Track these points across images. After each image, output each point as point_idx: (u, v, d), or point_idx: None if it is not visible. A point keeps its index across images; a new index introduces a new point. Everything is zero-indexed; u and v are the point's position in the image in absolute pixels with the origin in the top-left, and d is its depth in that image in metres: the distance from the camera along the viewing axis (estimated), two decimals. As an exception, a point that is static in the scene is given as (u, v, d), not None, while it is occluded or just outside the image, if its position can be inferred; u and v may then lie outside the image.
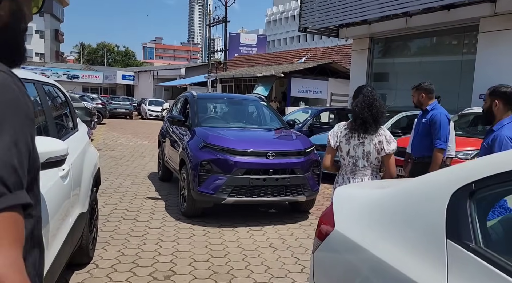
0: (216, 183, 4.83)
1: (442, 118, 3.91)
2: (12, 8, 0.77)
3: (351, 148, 2.96)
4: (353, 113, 2.89)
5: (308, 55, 29.10)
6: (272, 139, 5.61)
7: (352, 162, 2.97)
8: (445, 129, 3.87)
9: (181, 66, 40.37)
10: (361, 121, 2.86)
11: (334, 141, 3.01)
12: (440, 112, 3.93)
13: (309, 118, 10.59)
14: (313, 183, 5.30)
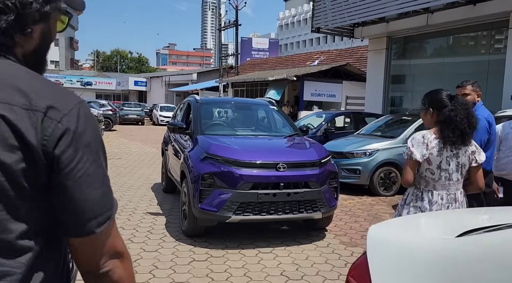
0: (219, 199, 4.26)
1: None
2: (44, 31, 0.89)
3: (443, 160, 2.61)
4: (451, 123, 2.55)
5: (321, 58, 28.44)
6: (283, 148, 5.01)
7: (445, 176, 2.62)
8: (479, 135, 3.35)
9: (193, 71, 40.12)
10: (460, 132, 2.55)
11: (422, 153, 2.59)
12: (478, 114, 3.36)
13: (324, 123, 9.96)
14: (330, 197, 4.68)
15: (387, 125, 8.78)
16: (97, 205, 0.82)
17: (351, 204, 6.66)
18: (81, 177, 0.79)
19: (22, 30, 0.83)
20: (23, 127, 0.74)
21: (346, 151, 7.50)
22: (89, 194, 0.81)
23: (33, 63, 0.88)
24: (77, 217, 0.81)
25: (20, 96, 0.76)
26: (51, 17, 0.89)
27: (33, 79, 0.81)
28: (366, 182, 7.33)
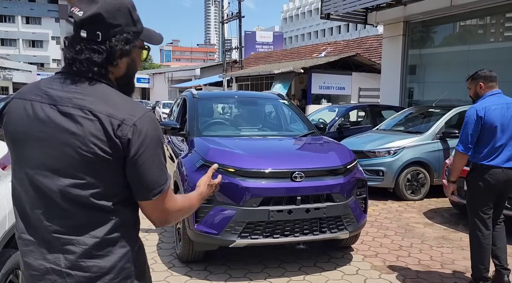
0: (220, 218, 3.37)
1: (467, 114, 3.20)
2: (128, 62, 1.24)
3: None
4: None
5: (328, 49, 27.35)
6: (298, 151, 4.09)
7: None
8: (465, 128, 3.16)
9: (196, 67, 39.21)
10: None
11: None
12: (472, 107, 3.22)
13: (337, 118, 9.01)
14: (359, 211, 3.77)
15: (410, 119, 7.82)
16: (152, 181, 1.18)
17: (376, 211, 5.74)
18: (143, 163, 1.16)
19: (111, 63, 1.20)
20: (107, 127, 1.12)
21: (367, 150, 6.56)
22: (147, 174, 1.17)
23: (123, 84, 1.26)
24: (140, 188, 1.19)
25: (107, 107, 1.14)
26: (131, 53, 1.24)
27: (117, 97, 1.19)
28: (391, 185, 6.40)
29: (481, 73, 3.26)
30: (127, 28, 1.20)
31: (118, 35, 1.18)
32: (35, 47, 63.06)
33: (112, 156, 1.13)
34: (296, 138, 4.44)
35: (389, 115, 9.04)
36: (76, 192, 1.14)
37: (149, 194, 1.18)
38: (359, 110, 10.21)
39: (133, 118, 1.14)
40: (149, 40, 1.29)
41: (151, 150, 1.16)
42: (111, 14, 1.16)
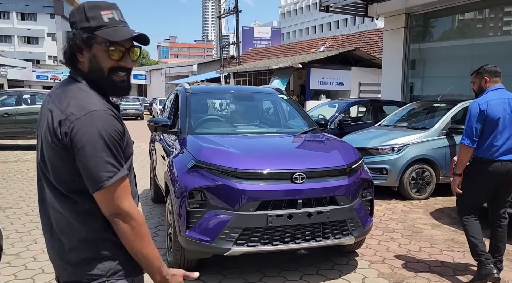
0: (214, 224, 3.07)
1: (471, 108, 3.27)
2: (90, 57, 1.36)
3: None
4: None
5: (326, 44, 27.01)
6: (298, 150, 3.78)
7: None
8: (469, 122, 3.22)
9: (193, 63, 38.80)
10: None
11: None
12: (474, 101, 3.28)
13: (337, 114, 8.71)
14: (364, 214, 3.48)
15: (413, 115, 7.52)
16: (91, 177, 1.24)
17: (380, 212, 5.45)
18: (82, 158, 1.24)
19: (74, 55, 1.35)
20: (54, 121, 1.27)
21: (370, 147, 6.27)
22: (87, 169, 1.24)
23: (94, 80, 1.37)
24: (86, 181, 1.27)
25: (62, 104, 1.29)
26: (90, 47, 1.34)
27: (76, 95, 1.31)
28: (395, 184, 6.11)
29: (487, 68, 3.30)
30: (80, 23, 1.33)
31: (74, 29, 1.33)
32: (31, 43, 62.44)
33: (57, 146, 1.26)
34: (296, 135, 4.14)
35: (391, 110, 8.74)
36: (43, 172, 1.36)
37: (91, 188, 1.26)
38: (360, 105, 9.91)
39: (75, 116, 1.25)
40: (108, 36, 1.33)
41: (90, 148, 1.23)
42: (71, 13, 1.36)
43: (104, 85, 1.37)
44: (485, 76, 3.29)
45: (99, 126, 1.24)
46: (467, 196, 3.31)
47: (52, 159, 1.30)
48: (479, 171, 3.23)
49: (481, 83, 3.31)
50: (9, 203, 5.65)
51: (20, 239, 4.26)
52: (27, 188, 6.62)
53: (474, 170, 3.27)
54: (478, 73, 3.33)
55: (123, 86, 1.40)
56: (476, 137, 3.18)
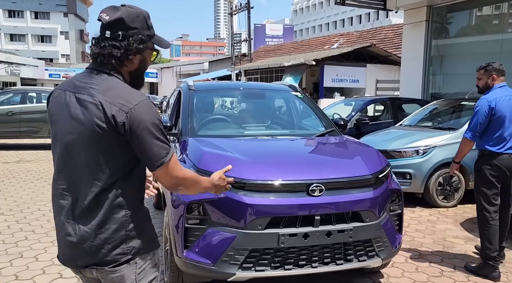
0: (216, 244, 2.60)
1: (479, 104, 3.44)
2: (140, 59, 1.54)
3: None
4: None
5: (340, 40, 26.33)
6: (316, 156, 3.27)
7: None
8: (476, 117, 3.43)
9: (204, 60, 38.46)
10: None
11: None
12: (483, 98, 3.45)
13: (354, 113, 8.16)
14: (393, 232, 2.97)
15: (438, 114, 6.93)
16: (152, 156, 1.44)
17: (404, 221, 4.90)
18: (140, 142, 1.42)
19: (127, 58, 1.50)
20: (107, 111, 1.41)
21: (392, 149, 5.72)
22: (147, 151, 1.44)
23: (135, 78, 1.57)
24: (146, 162, 1.47)
25: (111, 96, 1.43)
26: (143, 52, 1.54)
27: (122, 88, 1.47)
28: (420, 190, 5.56)
29: (495, 66, 3.47)
30: (142, 31, 1.52)
31: (135, 35, 1.50)
32: (44, 42, 62.90)
33: (111, 134, 1.42)
34: (312, 138, 3.64)
35: (412, 109, 8.17)
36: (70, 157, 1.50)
37: (153, 166, 1.46)
38: (378, 104, 9.33)
39: (129, 105, 1.42)
40: (159, 44, 1.60)
41: (146, 132, 1.42)
42: (131, 19, 1.49)
43: (139, 81, 1.60)
44: (493, 74, 3.45)
45: (149, 113, 1.43)
46: (483, 188, 3.46)
47: (91, 144, 1.44)
48: (488, 163, 3.42)
49: (488, 80, 3.48)
50: (2, 209, 5.28)
51: (6, 252, 3.86)
52: (24, 191, 6.25)
53: (484, 163, 3.45)
54: (486, 70, 3.48)
55: (144, 82, 1.65)
56: (479, 133, 3.42)
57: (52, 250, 3.89)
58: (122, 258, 1.48)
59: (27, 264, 3.58)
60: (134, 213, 1.50)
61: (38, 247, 3.98)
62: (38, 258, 3.70)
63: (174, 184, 1.53)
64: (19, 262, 3.62)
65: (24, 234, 4.34)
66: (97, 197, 1.45)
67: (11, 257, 3.74)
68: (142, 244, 1.52)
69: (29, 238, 4.22)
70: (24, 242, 4.10)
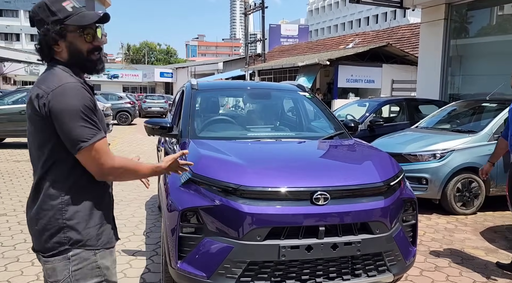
0: (212, 256, 2.40)
1: None
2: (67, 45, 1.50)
3: None
4: None
5: (356, 40, 25.90)
6: (322, 160, 3.04)
7: None
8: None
9: (219, 61, 38.44)
10: None
11: None
12: None
13: (368, 114, 7.88)
14: (406, 244, 2.73)
15: (457, 116, 6.61)
16: (72, 140, 1.42)
17: (419, 229, 4.62)
18: (61, 125, 1.41)
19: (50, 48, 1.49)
20: (33, 97, 1.44)
21: (407, 153, 5.44)
22: (67, 134, 1.42)
23: (76, 63, 1.52)
24: (67, 144, 1.44)
25: (39, 83, 1.47)
26: (65, 37, 1.49)
27: (51, 76, 1.47)
28: (437, 196, 5.27)
29: None
30: (47, 19, 1.47)
31: (43, 26, 1.47)
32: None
33: (37, 117, 1.43)
34: (319, 141, 3.41)
35: (429, 110, 7.84)
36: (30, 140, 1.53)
37: (73, 150, 1.44)
38: (393, 104, 9.02)
39: (49, 89, 1.42)
40: (79, 22, 1.49)
41: (65, 115, 1.40)
42: (35, 13, 1.50)
43: (85, 66, 1.54)
44: None
45: (71, 95, 1.42)
46: None
47: (32, 131, 1.48)
48: None
49: None
50: (6, 209, 5.20)
51: (2, 256, 3.75)
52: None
53: None
54: None
55: (101, 63, 1.58)
56: None
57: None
58: (60, 247, 1.46)
59: (22, 269, 3.45)
60: (74, 202, 1.47)
61: (35, 251, 3.86)
62: (34, 263, 3.57)
63: (99, 172, 1.48)
64: (14, 266, 3.50)
65: (24, 236, 4.23)
66: (38, 183, 1.49)
67: (7, 261, 3.62)
68: (81, 237, 1.47)
69: (28, 241, 4.10)
70: (22, 245, 3.99)
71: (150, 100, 26.83)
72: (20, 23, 60.53)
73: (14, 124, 10.43)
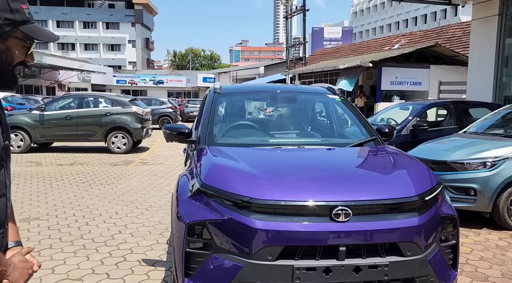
0: (220, 275, 2.19)
1: None
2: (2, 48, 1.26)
3: None
4: None
5: (402, 41, 24.87)
6: (346, 171, 2.72)
7: None
8: None
9: (260, 65, 38.49)
10: None
11: None
12: None
13: (411, 118, 7.37)
14: (444, 268, 2.37)
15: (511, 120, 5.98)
16: None
17: (466, 246, 4.17)
18: None
19: None
20: None
21: (453, 160, 4.95)
22: None
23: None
24: None
25: None
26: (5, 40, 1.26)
27: None
28: (487, 209, 4.74)
29: None
30: (2, 13, 1.24)
31: None
32: (114, 50, 66.90)
33: None
34: (347, 148, 3.11)
35: (480, 114, 7.19)
36: None
37: None
38: (440, 107, 8.39)
39: None
40: (34, 34, 1.31)
41: None
42: None
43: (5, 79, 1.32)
44: None
45: None
46: None
47: None
48: None
49: None
50: (40, 213, 5.30)
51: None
52: (66, 194, 6.31)
53: None
54: None
55: (17, 80, 1.39)
56: None
57: (72, 261, 3.73)
58: None
59: (41, 277, 3.42)
60: None
61: (58, 257, 3.85)
62: (54, 270, 3.54)
63: None
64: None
65: (50, 242, 4.25)
66: None
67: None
68: None
69: (54, 247, 4.12)
70: (47, 251, 3.99)
71: (192, 104, 27.30)
72: (75, 33, 64.28)
73: (61, 128, 10.89)
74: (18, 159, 9.80)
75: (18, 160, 9.67)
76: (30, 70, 31.74)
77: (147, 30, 71.02)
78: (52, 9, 62.49)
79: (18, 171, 8.23)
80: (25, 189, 6.67)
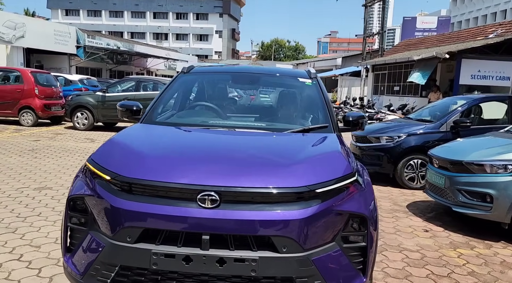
0: (88, 253, 2.14)
1: None
2: None
3: None
4: None
5: (498, 31, 21.96)
6: (250, 155, 2.39)
7: None
8: None
9: (338, 56, 37.26)
10: None
11: None
12: None
13: (453, 113, 6.49)
14: (341, 271, 2.04)
15: None
16: None
17: (461, 258, 3.56)
18: None
19: None
20: None
21: (469, 161, 4.26)
22: None
23: None
24: None
25: None
26: None
27: None
28: (505, 219, 4.00)
29: None
30: None
31: None
32: (202, 40, 70.01)
33: None
34: (280, 134, 2.80)
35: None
36: None
37: None
38: (500, 101, 7.26)
39: None
40: None
41: None
42: None
43: None
44: None
45: None
46: None
47: None
48: None
49: None
50: (57, 184, 5.75)
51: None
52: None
53: None
54: None
55: None
56: None
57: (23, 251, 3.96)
58: None
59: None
60: None
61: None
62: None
63: None
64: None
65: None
66: None
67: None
68: None
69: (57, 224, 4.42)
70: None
71: (264, 94, 27.48)
72: (169, 23, 68.53)
73: (118, 110, 11.69)
74: (79, 135, 10.75)
75: (78, 136, 10.61)
76: (122, 57, 34.64)
77: (234, 21, 72.90)
78: (150, 1, 67.27)
79: (72, 146, 9.02)
80: (71, 161, 7.26)
